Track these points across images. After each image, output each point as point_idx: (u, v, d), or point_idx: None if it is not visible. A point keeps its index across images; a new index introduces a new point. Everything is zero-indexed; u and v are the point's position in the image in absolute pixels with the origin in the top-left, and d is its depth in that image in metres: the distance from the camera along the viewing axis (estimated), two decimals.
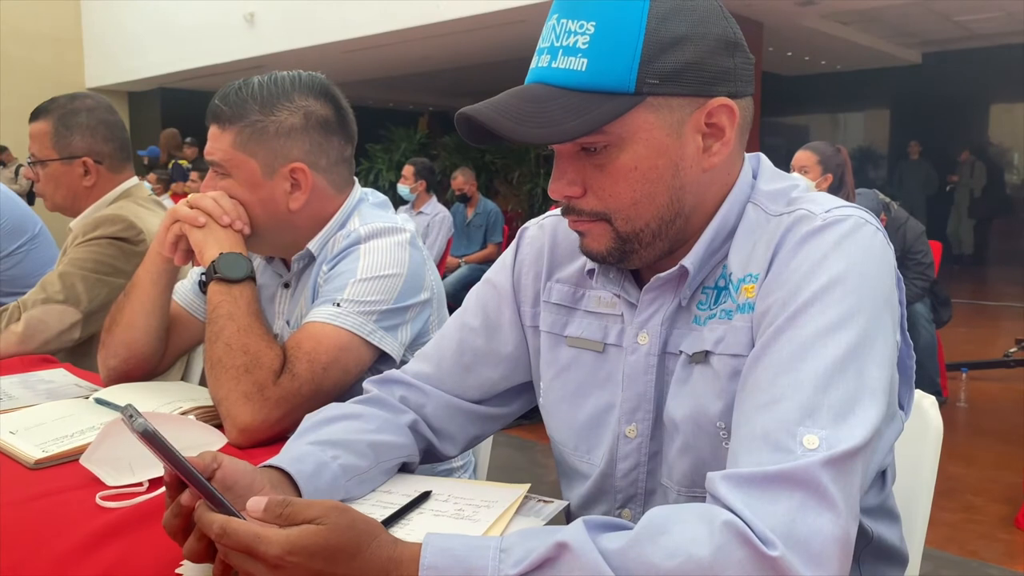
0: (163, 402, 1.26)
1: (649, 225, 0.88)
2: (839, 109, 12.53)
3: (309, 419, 1.03)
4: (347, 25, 8.63)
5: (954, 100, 10.76)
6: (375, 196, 1.48)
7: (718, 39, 0.83)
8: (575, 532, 0.70)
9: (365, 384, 1.13)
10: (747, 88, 0.87)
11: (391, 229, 1.34)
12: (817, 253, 0.81)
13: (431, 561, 0.70)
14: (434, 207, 5.90)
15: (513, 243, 1.13)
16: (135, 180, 2.09)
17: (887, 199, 4.03)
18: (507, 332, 1.10)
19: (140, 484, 1.01)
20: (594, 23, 0.80)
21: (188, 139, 9.48)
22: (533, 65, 0.86)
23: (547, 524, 0.91)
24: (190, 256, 1.36)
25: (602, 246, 0.90)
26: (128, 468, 1.03)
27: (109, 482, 1.02)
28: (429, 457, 1.12)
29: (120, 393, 1.32)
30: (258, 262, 1.50)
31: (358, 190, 1.45)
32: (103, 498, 0.97)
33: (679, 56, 0.81)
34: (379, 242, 1.32)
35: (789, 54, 9.98)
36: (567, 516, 1.09)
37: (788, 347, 0.77)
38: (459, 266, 6.03)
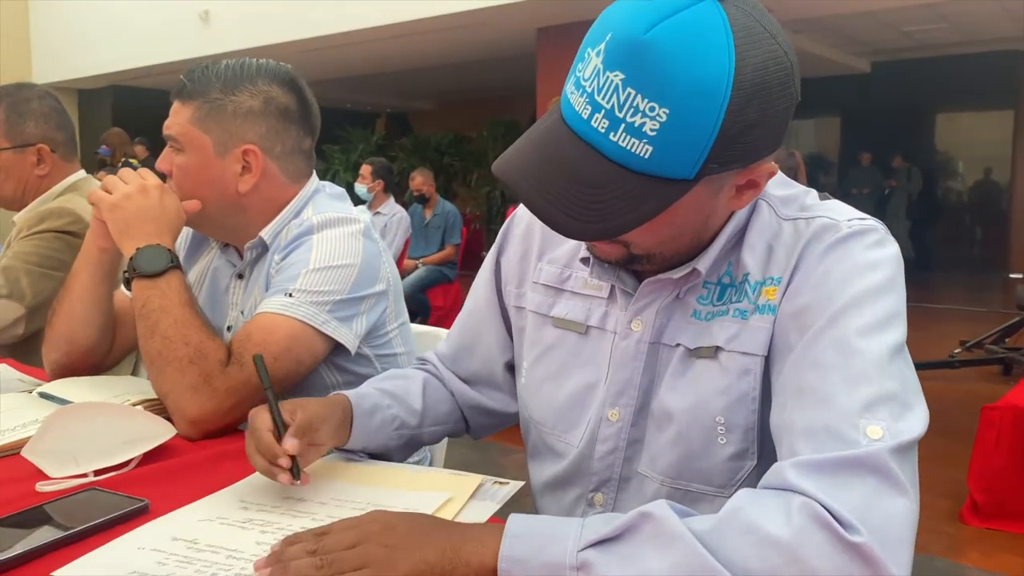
0: (110, 395, 1.23)
1: (665, 254, 0.90)
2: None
3: (381, 375, 1.18)
4: (304, 24, 8.55)
5: (901, 108, 11.04)
6: (332, 188, 1.47)
7: (782, 113, 0.77)
8: (658, 505, 0.71)
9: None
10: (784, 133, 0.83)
11: (344, 219, 1.33)
12: (850, 260, 0.84)
13: (515, 529, 0.72)
14: (392, 207, 5.87)
15: (506, 222, 1.15)
16: (82, 173, 2.04)
17: None
18: (489, 313, 1.15)
19: (84, 475, 0.99)
20: (667, 111, 0.71)
21: (137, 139, 9.29)
22: (580, 110, 0.76)
23: (504, 505, 0.91)
24: None
25: (612, 257, 0.92)
26: (72, 459, 1.01)
27: (52, 473, 1.00)
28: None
29: (65, 387, 1.29)
30: (214, 250, 1.49)
31: (315, 181, 1.44)
32: (43, 485, 0.95)
33: (744, 143, 0.75)
34: (332, 232, 1.31)
35: None
36: (534, 506, 1.11)
37: (832, 346, 0.79)
38: (417, 267, 6.01)
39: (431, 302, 5.85)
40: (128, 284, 1.28)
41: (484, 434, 1.23)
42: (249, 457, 0.94)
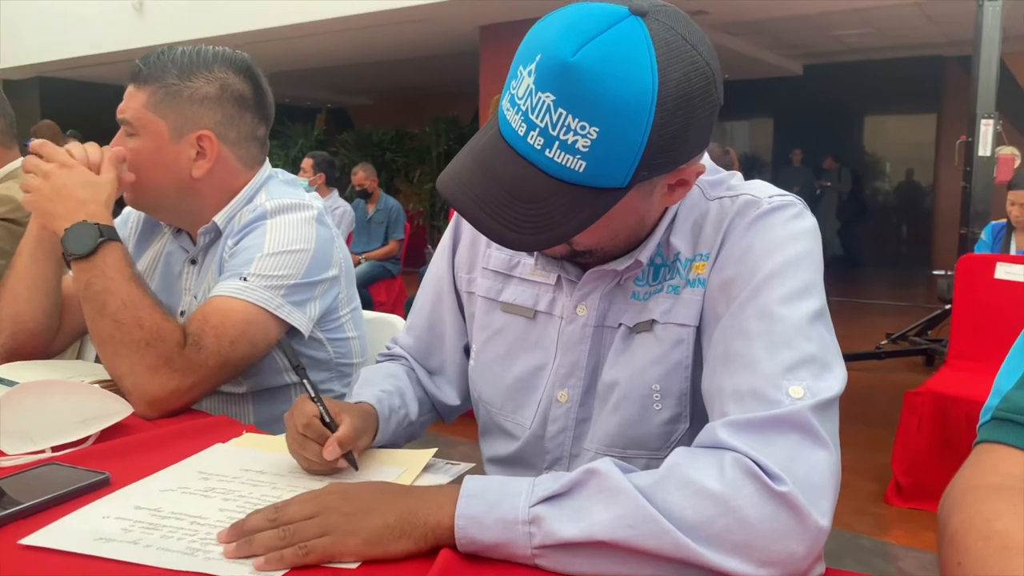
0: (64, 377, 1.24)
1: (604, 250, 0.95)
2: (726, 117, 13.05)
3: (370, 372, 1.20)
4: (241, 18, 8.41)
5: (832, 110, 11.39)
6: (285, 175, 1.49)
7: (706, 118, 0.81)
8: (603, 462, 0.76)
9: (377, 356, 1.28)
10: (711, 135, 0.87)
11: (298, 205, 1.36)
12: (770, 234, 0.90)
13: (471, 488, 0.77)
14: (335, 200, 5.83)
15: None
16: (21, 160, 2.01)
17: None
18: (449, 301, 1.19)
19: (42, 451, 1.00)
20: (597, 129, 0.75)
21: (69, 131, 9.01)
22: (516, 127, 0.79)
23: (452, 482, 0.95)
24: None
25: (556, 253, 0.97)
26: (29, 437, 1.02)
27: (9, 451, 1.00)
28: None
29: (17, 371, 1.28)
30: (167, 235, 1.49)
31: (268, 168, 1.46)
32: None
33: (672, 150, 0.80)
34: (286, 217, 1.33)
35: None
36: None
37: (756, 315, 0.85)
38: (359, 263, 5.99)
39: (374, 297, 5.84)
40: (69, 265, 1.26)
41: (455, 417, 1.26)
42: (292, 441, 0.96)
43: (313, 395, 0.97)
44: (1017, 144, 5.38)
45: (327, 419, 0.95)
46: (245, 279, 1.26)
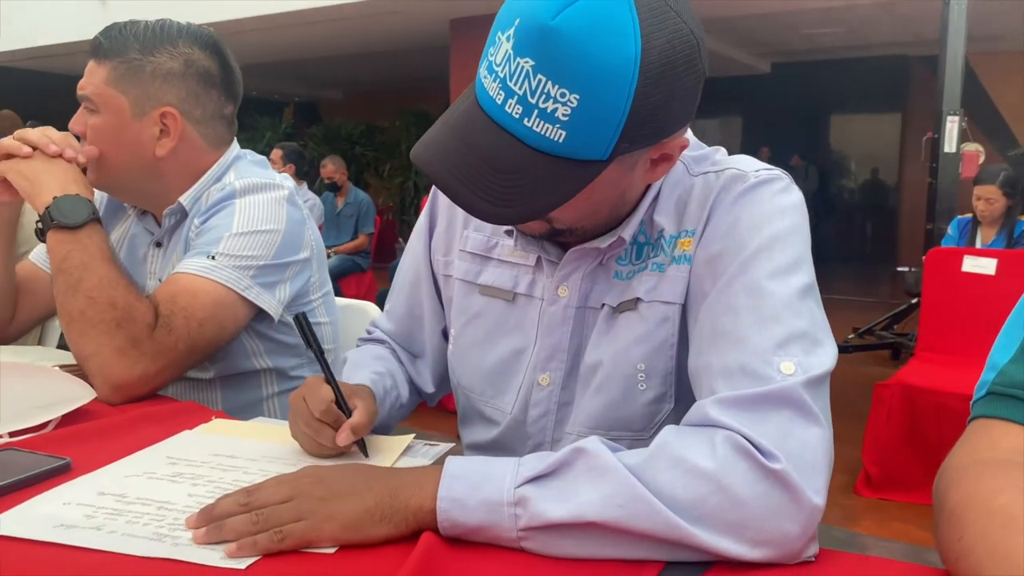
0: (24, 361, 1.18)
1: (585, 228, 0.92)
2: (696, 115, 13.10)
3: (358, 354, 1.17)
4: (207, 8, 8.25)
5: (799, 108, 11.50)
6: (253, 156, 1.44)
7: (690, 89, 0.78)
8: (590, 441, 0.73)
9: (358, 341, 1.24)
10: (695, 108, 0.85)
11: (268, 185, 1.31)
12: (757, 208, 0.88)
13: (453, 470, 0.74)
14: (304, 194, 5.76)
15: (432, 192, 1.16)
16: None
17: None
18: (427, 285, 1.16)
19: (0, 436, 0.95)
20: (578, 96, 0.72)
21: (30, 121, 8.82)
22: (494, 96, 0.76)
23: (434, 463, 0.92)
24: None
25: (536, 232, 0.93)
26: None
27: None
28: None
29: None
30: (131, 217, 1.44)
31: (235, 148, 1.41)
32: None
33: (655, 121, 0.77)
34: (256, 197, 1.29)
35: None
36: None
37: (744, 290, 0.82)
38: (329, 257, 5.92)
39: (344, 291, 5.78)
40: (40, 235, 1.21)
41: (436, 400, 1.24)
42: (297, 425, 0.93)
43: (329, 377, 0.94)
44: (980, 142, 5.47)
45: (342, 403, 0.92)
46: (213, 257, 1.21)
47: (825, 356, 0.79)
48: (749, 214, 0.88)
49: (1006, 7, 7.14)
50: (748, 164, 0.94)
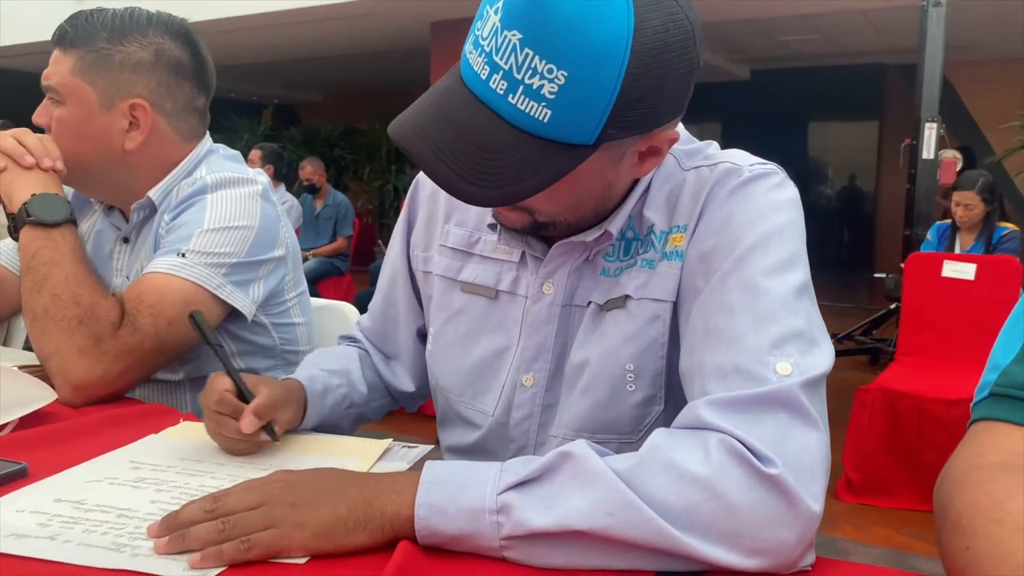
0: None
1: (569, 221, 0.88)
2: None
3: (314, 355, 1.14)
4: (182, 9, 8.12)
5: (778, 115, 11.57)
6: (226, 150, 1.39)
7: (683, 78, 0.75)
8: (577, 444, 0.70)
9: (338, 340, 1.22)
10: (687, 100, 0.82)
11: (241, 180, 1.27)
12: (752, 203, 0.84)
13: (432, 475, 0.70)
14: (282, 195, 5.69)
15: (411, 187, 1.13)
16: None
17: None
18: (404, 283, 1.12)
19: None
20: (565, 73, 0.69)
21: (1, 121, 8.67)
22: (479, 71, 0.73)
23: (412, 467, 0.88)
24: None
25: (517, 225, 0.90)
26: None
27: None
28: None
29: None
30: (97, 213, 1.39)
31: (208, 142, 1.36)
32: None
33: (643, 108, 0.74)
34: (228, 192, 1.24)
35: None
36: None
37: (739, 288, 0.79)
38: (307, 259, 5.85)
39: (322, 295, 5.71)
40: (13, 234, 1.17)
41: (416, 406, 1.21)
42: (209, 420, 0.91)
43: (227, 369, 0.91)
44: (957, 150, 5.51)
45: (244, 392, 0.89)
46: (183, 255, 1.17)
47: (822, 356, 0.76)
48: (744, 209, 0.84)
49: (979, 17, 7.22)
50: (742, 158, 0.91)
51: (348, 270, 6.20)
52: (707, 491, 0.65)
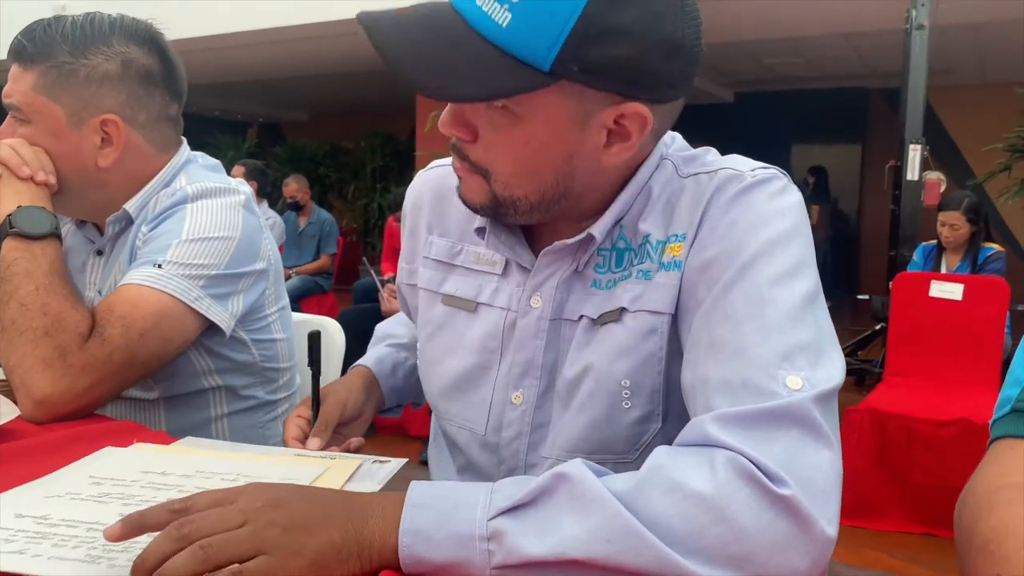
0: None
1: (528, 197, 0.84)
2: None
3: (382, 327, 1.22)
4: (166, 25, 8.06)
5: (762, 138, 11.64)
6: (206, 159, 1.35)
7: (662, 41, 0.74)
8: (573, 464, 0.65)
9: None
10: (677, 92, 0.81)
11: (223, 190, 1.22)
12: (755, 209, 0.81)
13: (417, 498, 0.64)
14: (265, 212, 5.63)
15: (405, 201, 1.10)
16: None
17: None
18: (401, 296, 1.13)
19: None
20: None
21: None
22: None
23: (385, 487, 0.83)
24: None
25: (476, 199, 0.86)
26: None
27: None
28: None
29: None
30: (68, 227, 1.33)
31: (186, 151, 1.31)
32: None
33: (609, 50, 0.72)
34: (209, 202, 1.19)
35: None
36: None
37: (744, 297, 0.75)
38: (290, 277, 5.78)
39: (305, 312, 5.64)
40: None
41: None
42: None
43: (313, 393, 1.02)
44: (939, 172, 5.54)
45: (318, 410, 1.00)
46: (159, 266, 1.12)
47: (834, 369, 0.72)
48: (746, 216, 0.81)
49: (960, 42, 7.31)
50: (743, 163, 0.87)
51: (332, 288, 6.13)
52: (714, 513, 0.61)
